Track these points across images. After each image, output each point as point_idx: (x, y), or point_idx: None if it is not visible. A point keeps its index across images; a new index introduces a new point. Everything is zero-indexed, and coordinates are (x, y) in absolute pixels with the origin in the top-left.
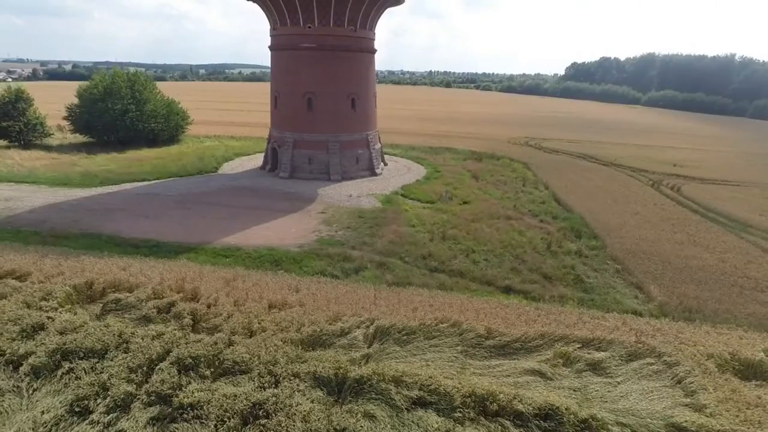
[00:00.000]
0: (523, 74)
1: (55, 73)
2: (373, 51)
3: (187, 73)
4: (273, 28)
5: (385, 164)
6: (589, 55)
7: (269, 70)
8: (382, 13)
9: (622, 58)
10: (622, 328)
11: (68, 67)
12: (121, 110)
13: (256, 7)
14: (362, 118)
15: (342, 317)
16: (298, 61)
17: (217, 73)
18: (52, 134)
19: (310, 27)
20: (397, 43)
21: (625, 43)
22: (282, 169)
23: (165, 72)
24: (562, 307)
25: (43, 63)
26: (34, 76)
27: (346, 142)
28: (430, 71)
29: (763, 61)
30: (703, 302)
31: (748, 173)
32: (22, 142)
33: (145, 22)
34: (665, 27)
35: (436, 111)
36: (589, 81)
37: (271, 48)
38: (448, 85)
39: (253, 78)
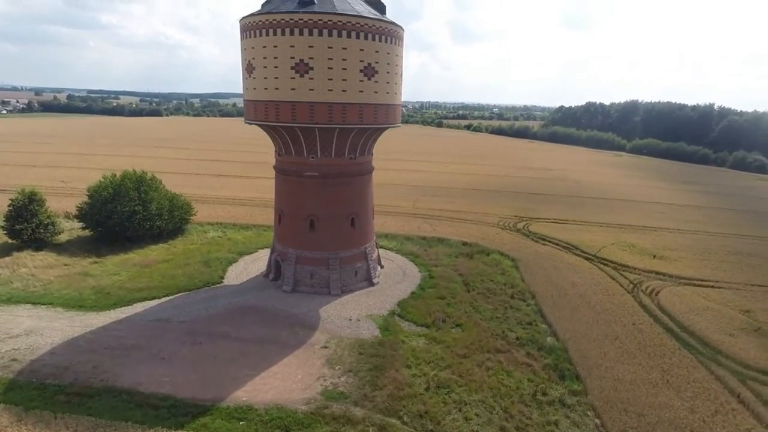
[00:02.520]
0: (513, 107)
1: (50, 105)
2: (371, 170)
3: (181, 106)
4: (278, 154)
5: (382, 267)
6: (574, 81)
7: None
8: (379, 137)
9: (607, 103)
10: None
11: (63, 97)
12: (129, 212)
13: None
14: (361, 234)
15: None
16: (302, 186)
17: (211, 105)
18: (62, 231)
19: (313, 158)
20: None
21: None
22: (285, 283)
23: (160, 104)
24: None
25: (37, 91)
26: (29, 109)
27: (346, 258)
28: (421, 104)
29: (740, 111)
30: None
31: (724, 267)
32: (35, 243)
33: (140, 51)
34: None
35: (429, 173)
36: (575, 126)
37: (275, 169)
38: (439, 124)
39: None
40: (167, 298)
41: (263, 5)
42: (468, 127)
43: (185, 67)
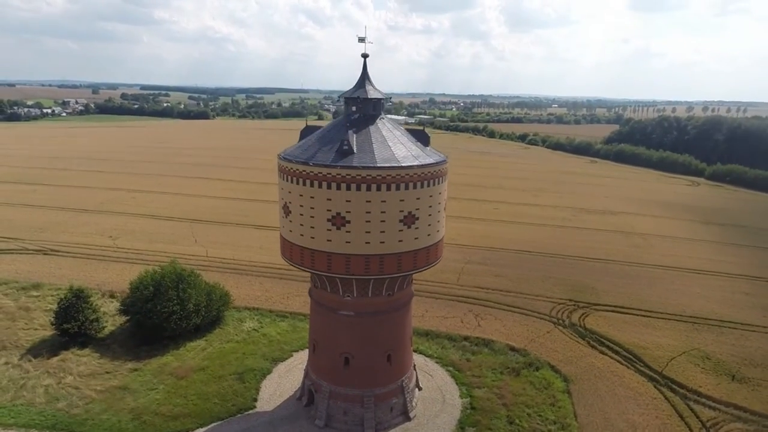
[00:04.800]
0: (574, 101)
1: (105, 107)
2: (411, 297)
3: (227, 107)
4: (314, 285)
5: (420, 389)
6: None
7: (307, 93)
8: None
9: (684, 117)
10: None
11: (117, 96)
12: (168, 312)
13: (293, 29)
14: (398, 368)
15: None
16: (336, 323)
17: (256, 106)
18: (106, 326)
19: (348, 297)
20: (439, 64)
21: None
22: (318, 416)
23: (207, 103)
24: None
25: (94, 88)
26: (86, 111)
27: (381, 395)
28: (472, 100)
29: None
30: None
31: None
32: (81, 338)
33: (190, 45)
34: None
35: (478, 223)
36: (645, 143)
37: (310, 295)
38: (491, 134)
39: (291, 113)
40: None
41: (302, 134)
42: (523, 139)
43: (232, 60)
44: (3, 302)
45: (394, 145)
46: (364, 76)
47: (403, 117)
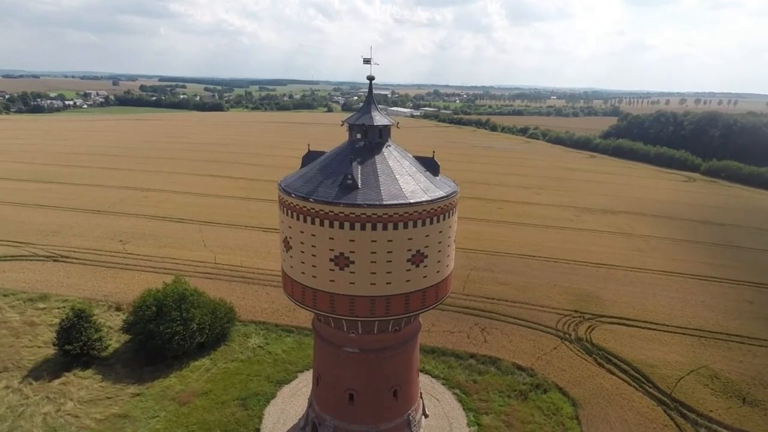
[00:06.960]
0: (572, 92)
1: (125, 99)
2: (419, 329)
3: (241, 99)
4: (317, 319)
5: (426, 416)
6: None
7: (318, 85)
8: None
9: (680, 111)
10: None
11: (136, 87)
12: (171, 334)
13: (303, 22)
14: (404, 402)
15: None
16: (340, 359)
17: (269, 98)
18: (109, 345)
19: (353, 334)
20: (443, 56)
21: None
22: None
23: (222, 95)
24: None
25: (114, 80)
26: (106, 103)
27: (387, 430)
28: (475, 92)
29: None
30: None
31: None
32: (84, 358)
33: (206, 37)
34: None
35: (483, 224)
36: (643, 138)
37: (313, 328)
38: (493, 128)
39: (302, 104)
40: None
41: (304, 160)
42: (524, 132)
43: (246, 52)
44: (8, 316)
45: (401, 177)
46: (370, 101)
47: (409, 110)
